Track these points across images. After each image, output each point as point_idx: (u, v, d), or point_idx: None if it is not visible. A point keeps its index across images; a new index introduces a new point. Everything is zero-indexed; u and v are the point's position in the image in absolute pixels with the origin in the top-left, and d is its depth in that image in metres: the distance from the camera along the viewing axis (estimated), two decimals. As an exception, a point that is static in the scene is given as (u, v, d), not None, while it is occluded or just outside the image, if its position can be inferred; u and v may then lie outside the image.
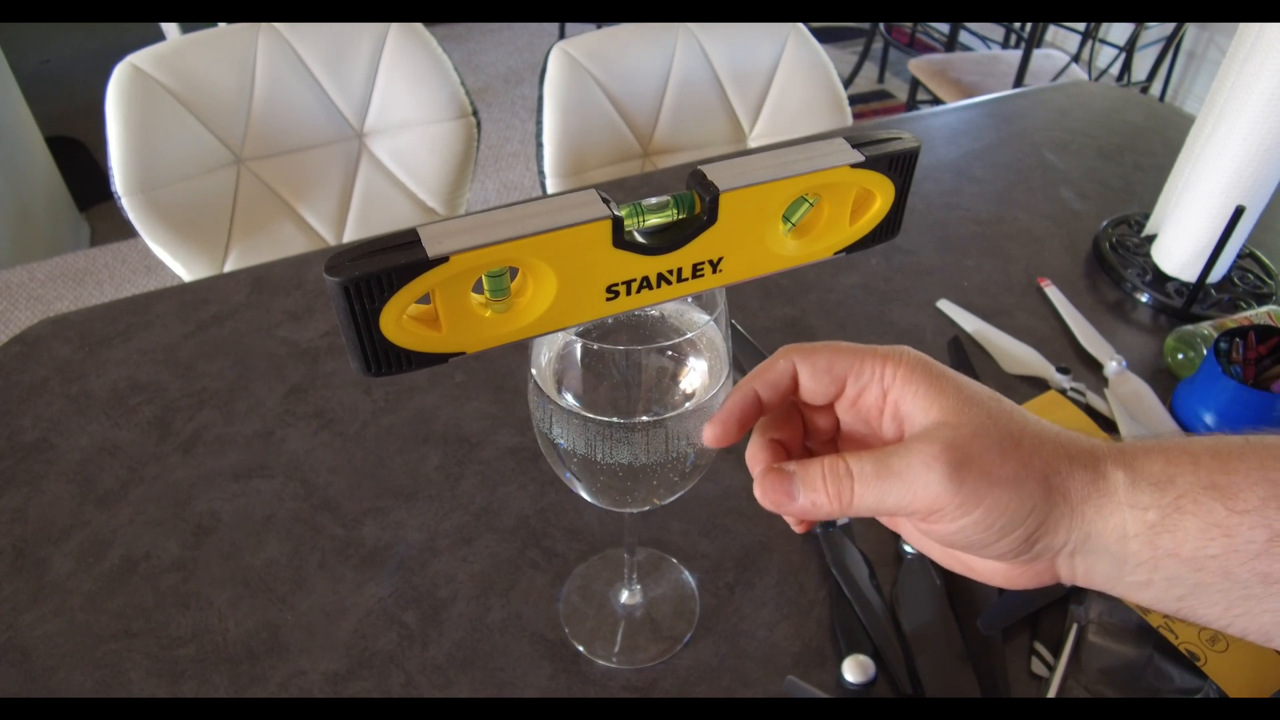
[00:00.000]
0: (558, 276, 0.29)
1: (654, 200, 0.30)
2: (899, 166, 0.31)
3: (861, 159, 0.30)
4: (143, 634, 0.50)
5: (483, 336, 0.30)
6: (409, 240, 0.26)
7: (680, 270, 0.31)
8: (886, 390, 0.30)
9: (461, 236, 0.26)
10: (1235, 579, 0.26)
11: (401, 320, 0.28)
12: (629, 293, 0.30)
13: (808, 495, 0.30)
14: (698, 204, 0.30)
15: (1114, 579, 0.28)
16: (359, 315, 0.27)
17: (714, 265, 0.31)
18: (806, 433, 0.34)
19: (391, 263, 0.26)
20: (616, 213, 0.28)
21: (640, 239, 0.30)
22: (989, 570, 0.31)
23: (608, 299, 0.30)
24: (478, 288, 0.29)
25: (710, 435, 0.33)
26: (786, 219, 0.32)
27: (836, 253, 0.34)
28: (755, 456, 0.33)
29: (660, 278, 0.31)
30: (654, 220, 0.30)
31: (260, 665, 0.49)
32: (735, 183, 0.29)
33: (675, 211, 0.30)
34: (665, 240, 0.30)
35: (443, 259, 0.26)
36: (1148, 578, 0.27)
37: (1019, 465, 0.27)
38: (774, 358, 0.32)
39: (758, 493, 0.31)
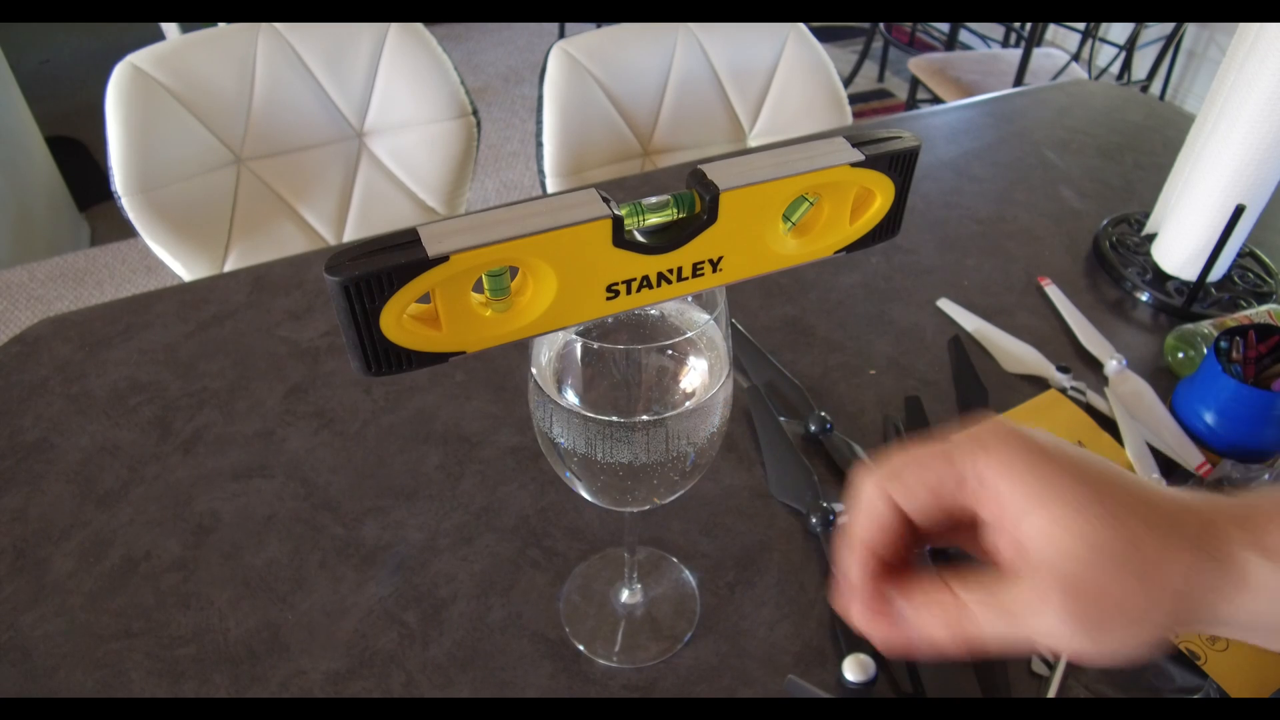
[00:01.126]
0: (558, 276, 0.29)
1: (654, 199, 0.30)
2: (899, 165, 0.31)
3: (861, 158, 0.30)
4: (143, 634, 0.50)
5: (483, 336, 0.30)
6: (409, 240, 0.26)
7: (680, 269, 0.31)
8: (983, 485, 0.26)
9: (461, 236, 0.26)
10: None
11: (402, 320, 0.28)
12: (629, 292, 0.30)
13: (922, 630, 0.28)
14: (698, 203, 0.30)
15: (1256, 636, 0.27)
16: (359, 315, 0.27)
17: (714, 264, 0.31)
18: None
19: (391, 262, 0.26)
20: (616, 212, 0.28)
21: (640, 238, 0.30)
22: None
23: (608, 298, 0.30)
24: (478, 287, 0.29)
25: (862, 623, 0.29)
26: (786, 218, 0.32)
27: (836, 251, 0.34)
28: (855, 570, 0.29)
29: (660, 277, 0.31)
30: (654, 219, 0.30)
31: (261, 665, 0.49)
32: (735, 182, 0.29)
33: (675, 211, 0.30)
34: (665, 239, 0.30)
35: (443, 258, 0.26)
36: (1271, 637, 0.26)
37: (1146, 598, 0.25)
38: (866, 500, 0.28)
39: (857, 619, 0.28)
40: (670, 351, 0.39)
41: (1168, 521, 0.25)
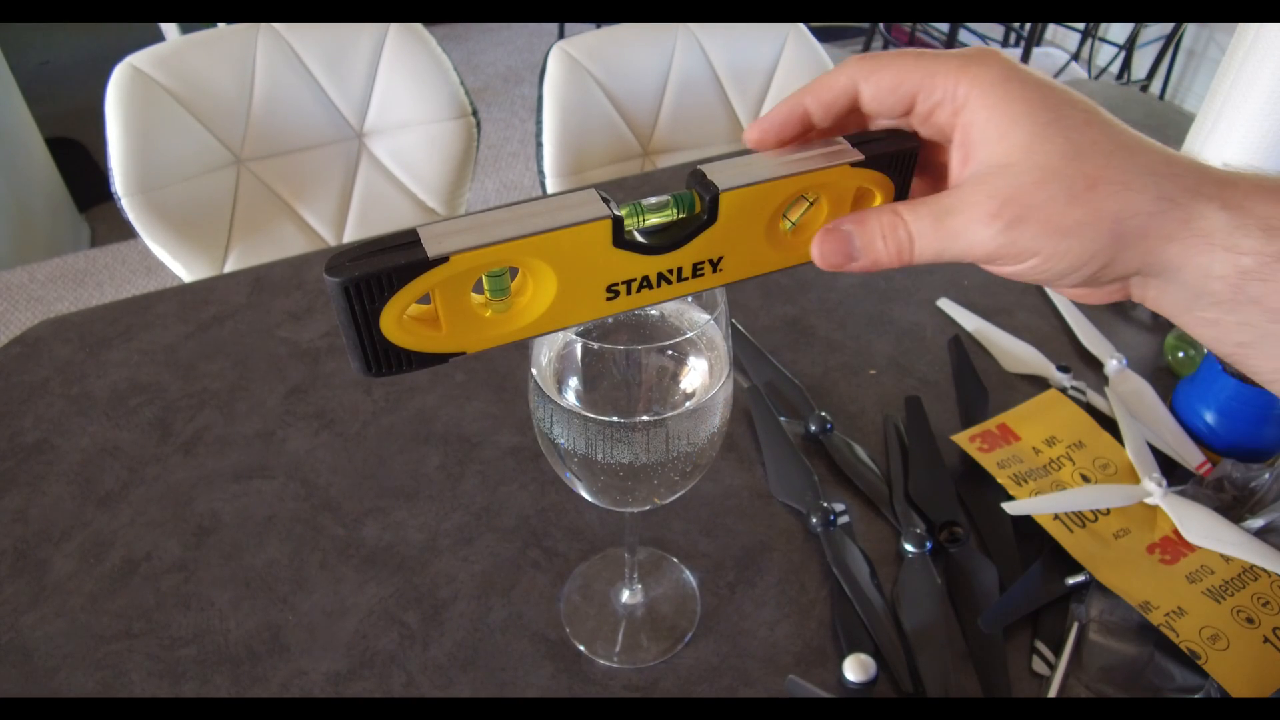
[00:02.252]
0: (558, 276, 0.29)
1: (654, 200, 0.30)
2: (898, 165, 0.31)
3: (861, 158, 0.30)
4: (144, 634, 0.50)
5: (483, 336, 0.30)
6: (409, 240, 0.26)
7: (680, 270, 0.31)
8: (958, 108, 0.28)
9: (461, 236, 0.27)
10: None
11: (402, 320, 0.28)
12: (629, 292, 0.30)
13: (868, 256, 0.30)
14: (697, 203, 0.30)
15: (1182, 311, 0.27)
16: (359, 315, 0.27)
17: (714, 264, 0.31)
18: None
19: (391, 263, 0.26)
20: (616, 212, 0.28)
21: (640, 239, 0.30)
22: (1061, 289, 0.30)
23: (608, 298, 0.30)
24: (478, 288, 0.29)
25: (749, 135, 0.31)
26: (786, 218, 0.32)
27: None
28: (776, 114, 0.31)
29: (661, 277, 0.31)
30: (654, 220, 0.30)
31: (261, 665, 0.49)
32: (735, 182, 0.29)
33: (675, 211, 0.30)
34: (665, 240, 0.30)
35: (443, 259, 0.26)
36: (1218, 317, 0.26)
37: (1087, 212, 0.26)
38: (835, 71, 0.30)
39: (815, 255, 0.30)
40: (670, 351, 0.39)
41: (1126, 155, 0.26)
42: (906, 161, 0.31)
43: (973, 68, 0.27)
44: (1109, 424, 0.61)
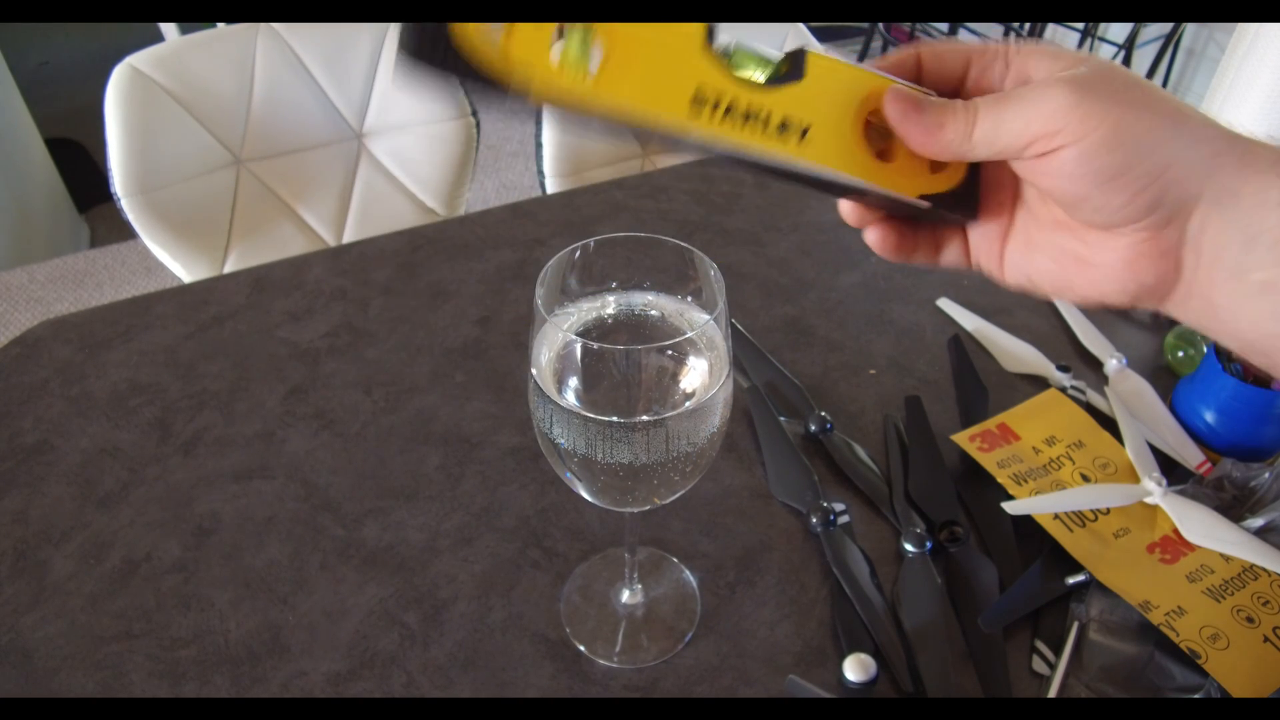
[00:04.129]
0: (643, 53, 0.27)
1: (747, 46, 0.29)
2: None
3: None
4: (144, 635, 0.50)
5: (553, 86, 0.27)
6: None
7: (770, 116, 0.29)
8: (1010, 62, 0.29)
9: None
10: None
11: (470, 27, 0.25)
12: (714, 111, 0.28)
13: (934, 115, 0.29)
14: (785, 60, 0.29)
15: (1237, 273, 0.27)
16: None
17: (801, 133, 0.29)
18: None
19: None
20: (713, 28, 0.27)
21: (730, 50, 0.28)
22: (1106, 264, 0.29)
23: (691, 107, 0.28)
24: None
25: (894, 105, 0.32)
26: (873, 130, 0.31)
27: (921, 196, 0.32)
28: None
29: (748, 114, 0.29)
30: (742, 57, 0.28)
31: (262, 666, 0.49)
32: (822, 52, 0.29)
33: (764, 61, 0.29)
34: (754, 72, 0.29)
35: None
36: (1272, 276, 0.26)
37: (1147, 97, 0.26)
38: (897, 50, 0.32)
39: (888, 104, 0.30)
40: (670, 351, 0.39)
41: (1182, 123, 0.27)
42: None
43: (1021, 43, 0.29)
44: (1109, 423, 0.61)
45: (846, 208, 0.34)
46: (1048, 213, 0.31)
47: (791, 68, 0.29)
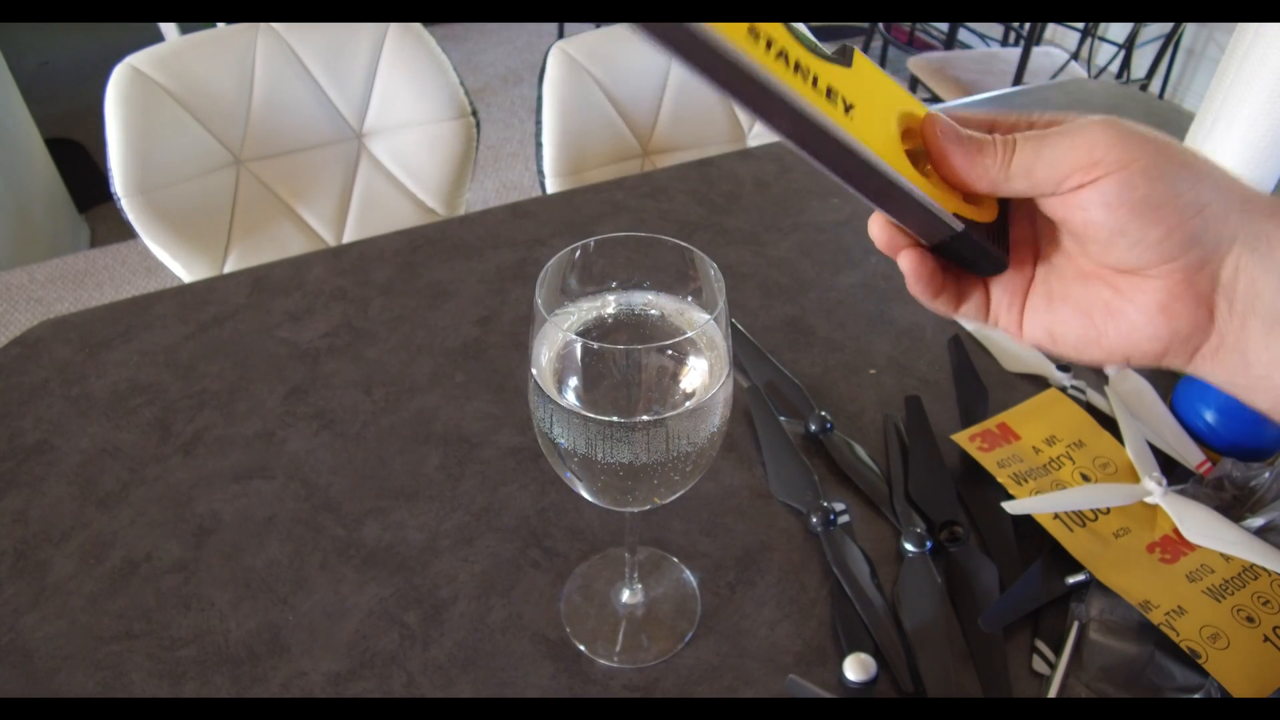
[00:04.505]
0: None
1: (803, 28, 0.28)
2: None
3: None
4: (144, 635, 0.50)
5: None
6: None
7: (818, 78, 0.28)
8: (1034, 123, 0.30)
9: None
10: None
11: None
12: (769, 48, 0.27)
13: (974, 146, 0.29)
14: (832, 52, 0.29)
15: (1272, 321, 0.27)
16: None
17: (847, 107, 0.29)
18: None
19: None
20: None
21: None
22: (1139, 308, 0.29)
23: (749, 33, 0.27)
24: None
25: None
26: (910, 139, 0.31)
27: (955, 214, 0.31)
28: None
29: (799, 65, 0.28)
30: (793, 30, 0.28)
31: (262, 666, 0.49)
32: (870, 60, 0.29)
33: (813, 44, 0.28)
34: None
35: None
36: None
37: (1186, 154, 0.27)
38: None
39: (927, 127, 0.30)
40: (670, 351, 0.39)
41: (1214, 170, 0.27)
42: None
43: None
44: (1109, 423, 0.61)
45: (876, 229, 0.33)
46: (1072, 266, 0.31)
47: (840, 56, 0.29)
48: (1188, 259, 0.27)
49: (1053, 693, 0.47)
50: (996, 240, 0.32)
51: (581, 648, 0.50)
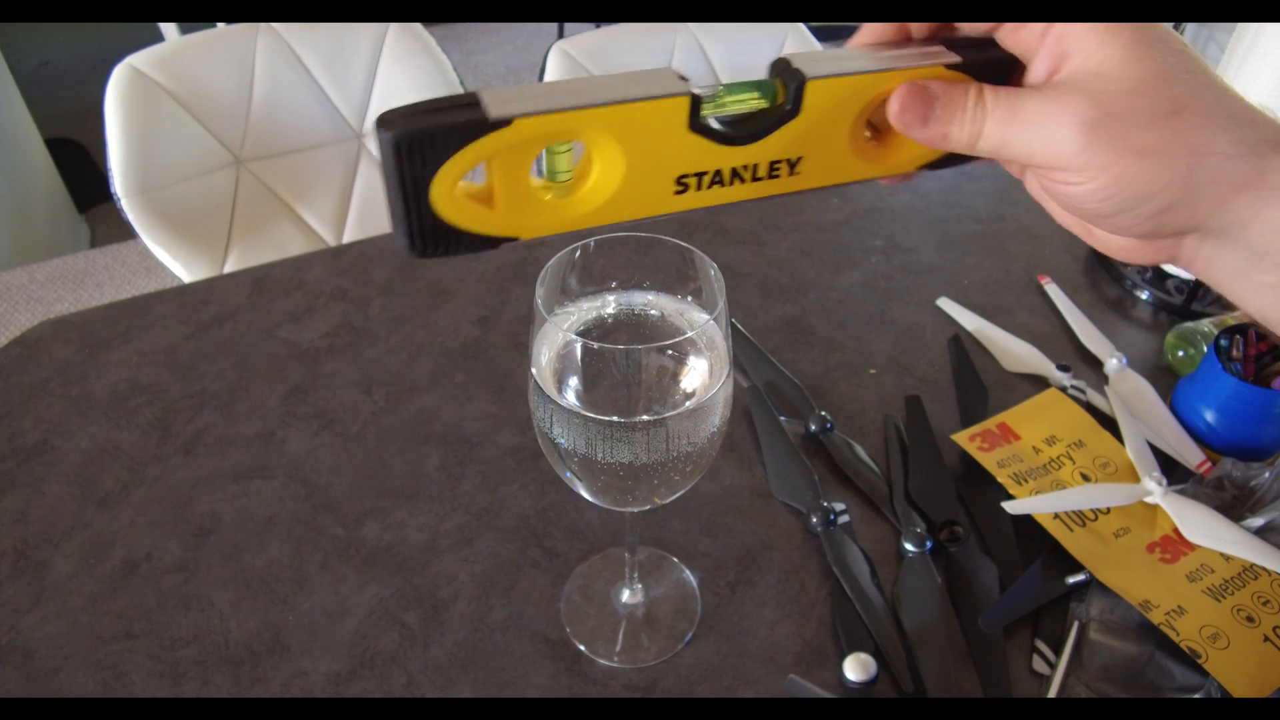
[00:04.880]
0: (626, 159, 0.27)
1: (734, 84, 0.28)
2: (995, 74, 0.29)
3: (958, 60, 0.29)
4: (144, 635, 0.50)
5: (540, 222, 0.27)
6: (469, 101, 0.24)
7: (756, 168, 0.29)
8: (1051, 28, 0.27)
9: (526, 101, 0.25)
10: None
11: (454, 194, 0.26)
12: (700, 187, 0.28)
13: (941, 125, 0.28)
14: (780, 92, 0.28)
15: (1239, 275, 0.26)
16: (409, 180, 0.25)
17: (792, 166, 0.29)
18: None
19: (449, 122, 0.24)
20: (694, 91, 0.26)
21: (717, 125, 0.27)
22: (1107, 240, 0.29)
23: (676, 191, 0.28)
24: (537, 173, 0.27)
25: (856, 39, 0.30)
26: (870, 125, 0.31)
27: (920, 168, 0.32)
28: (872, 28, 0.30)
29: (734, 174, 0.28)
30: (733, 105, 0.28)
31: (262, 666, 0.49)
32: (823, 71, 0.27)
33: (757, 96, 0.28)
34: (744, 130, 0.28)
35: (504, 122, 0.24)
36: (1276, 279, 0.26)
37: (1166, 136, 0.25)
38: None
39: (894, 106, 0.28)
40: (670, 351, 0.39)
41: (1215, 92, 0.25)
42: (1004, 71, 0.29)
43: None
44: (1109, 423, 0.61)
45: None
46: (1044, 185, 0.30)
47: (789, 100, 0.28)
48: (1145, 236, 0.27)
49: (1053, 693, 0.47)
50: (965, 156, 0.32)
51: (581, 648, 0.50)
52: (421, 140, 0.24)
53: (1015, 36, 0.28)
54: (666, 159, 0.27)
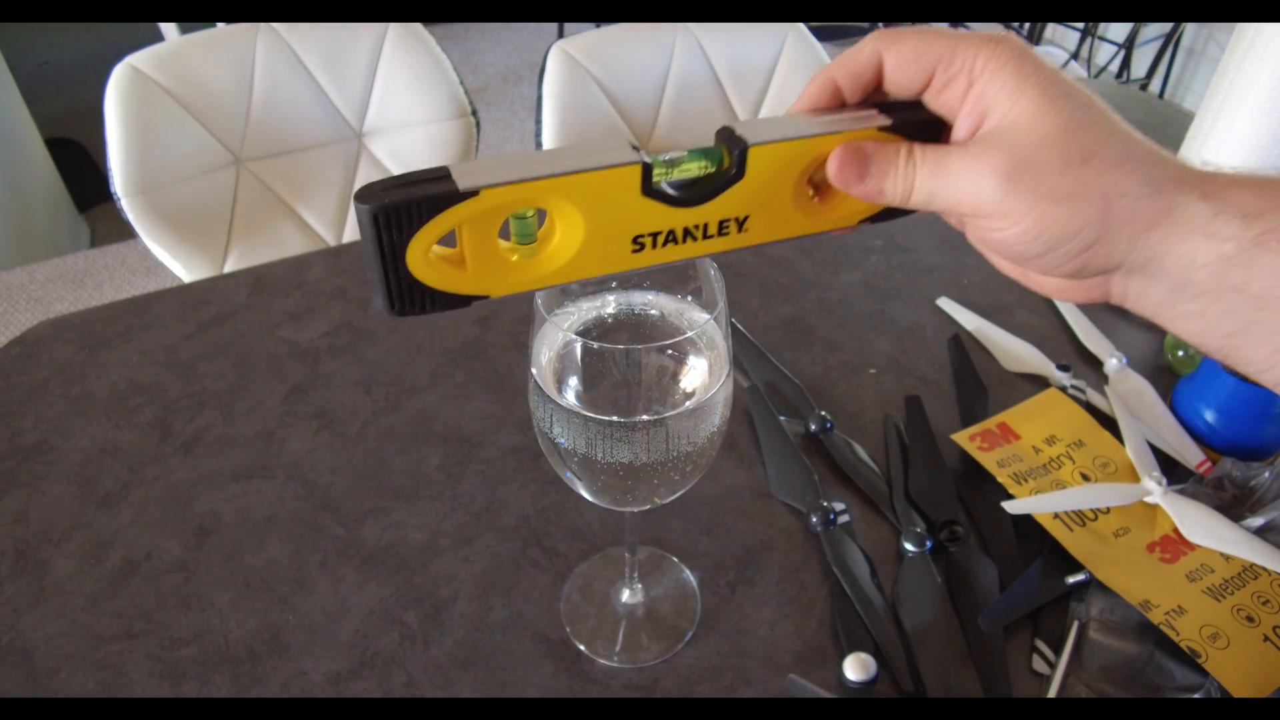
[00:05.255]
0: (585, 222, 0.29)
1: (682, 152, 0.30)
2: (925, 133, 0.31)
3: (889, 122, 0.31)
4: (144, 635, 0.50)
5: (508, 281, 0.30)
6: (440, 175, 0.27)
7: (706, 226, 0.31)
8: (973, 81, 0.29)
9: (492, 173, 0.27)
10: None
11: (428, 257, 0.28)
12: (655, 246, 0.31)
13: (876, 182, 0.30)
14: (725, 158, 0.30)
15: (1166, 306, 0.28)
16: (386, 247, 0.27)
17: (739, 224, 0.32)
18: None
19: (422, 194, 0.26)
20: (646, 159, 0.29)
21: (668, 190, 0.30)
22: (1043, 282, 0.31)
23: (634, 250, 0.30)
24: (505, 235, 0.29)
25: (795, 105, 0.33)
26: (811, 183, 0.33)
27: (861, 221, 0.34)
28: (809, 90, 0.32)
29: (686, 233, 0.31)
30: (682, 171, 0.30)
31: (262, 665, 0.49)
32: (763, 137, 0.30)
33: (704, 163, 0.30)
34: (693, 193, 0.30)
35: (472, 193, 0.27)
36: (1203, 309, 0.27)
37: (1078, 182, 0.27)
38: (859, 45, 0.31)
39: (832, 165, 0.31)
40: (670, 351, 0.39)
41: (1121, 140, 0.27)
42: (932, 130, 0.32)
43: (991, 43, 0.29)
44: (1109, 423, 0.61)
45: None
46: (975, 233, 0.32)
47: (734, 164, 0.30)
48: (1079, 267, 0.29)
49: (1053, 693, 0.47)
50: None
51: (581, 647, 0.50)
52: (397, 211, 0.26)
53: (940, 98, 0.30)
54: (623, 221, 0.30)
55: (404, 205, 0.26)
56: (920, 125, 0.31)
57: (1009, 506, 0.54)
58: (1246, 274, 0.26)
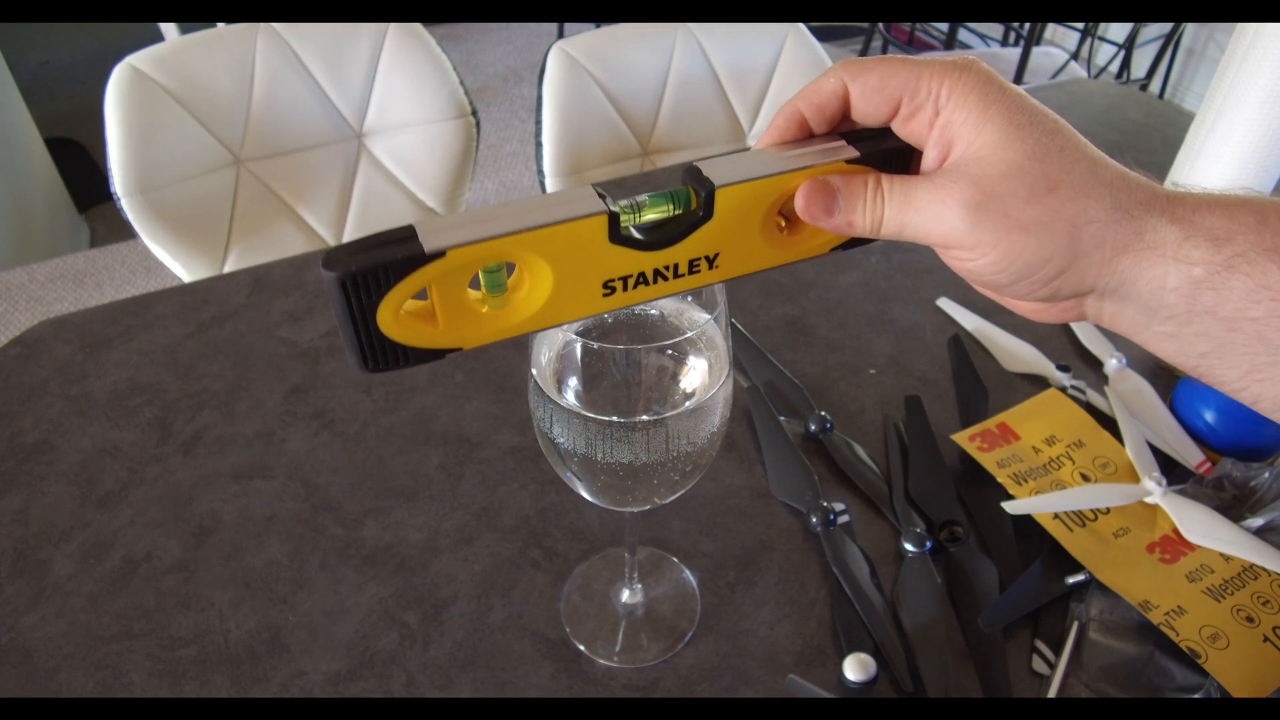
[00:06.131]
0: (554, 272, 0.29)
1: (649, 196, 0.30)
2: (892, 163, 0.31)
3: (856, 154, 0.31)
4: (144, 635, 0.50)
5: (480, 332, 0.30)
6: (406, 235, 0.27)
7: (676, 266, 0.31)
8: (939, 110, 0.29)
9: (457, 231, 0.27)
10: (1269, 344, 0.26)
11: (399, 315, 0.28)
12: (625, 289, 0.30)
13: (845, 215, 0.30)
14: (693, 200, 0.30)
15: (1140, 327, 0.28)
16: (356, 310, 0.27)
17: (710, 261, 0.31)
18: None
19: (388, 257, 0.26)
20: (612, 208, 0.28)
21: (636, 235, 0.30)
22: (1019, 305, 0.31)
23: (604, 295, 0.30)
24: (475, 284, 0.29)
25: (762, 140, 0.33)
26: (781, 215, 0.32)
27: (833, 249, 0.34)
28: (776, 124, 0.32)
29: (656, 274, 0.31)
30: (650, 216, 0.30)
31: (261, 665, 0.49)
32: (730, 178, 0.29)
33: (671, 207, 0.30)
34: (661, 236, 0.30)
35: (439, 254, 0.26)
36: (1176, 330, 0.27)
37: (1044, 212, 0.27)
38: (824, 75, 0.31)
39: (799, 201, 0.31)
40: (670, 351, 0.39)
41: (1087, 166, 0.27)
42: (900, 159, 0.31)
43: (956, 71, 0.28)
44: (1109, 423, 0.61)
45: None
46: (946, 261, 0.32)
47: (701, 206, 0.30)
48: (1051, 292, 0.29)
49: (1053, 693, 0.47)
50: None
51: (581, 648, 0.50)
52: (364, 276, 0.26)
53: (908, 127, 0.30)
54: (592, 268, 0.29)
55: (370, 270, 0.26)
56: (889, 155, 0.31)
57: (1009, 507, 0.54)
58: (1217, 297, 0.26)
